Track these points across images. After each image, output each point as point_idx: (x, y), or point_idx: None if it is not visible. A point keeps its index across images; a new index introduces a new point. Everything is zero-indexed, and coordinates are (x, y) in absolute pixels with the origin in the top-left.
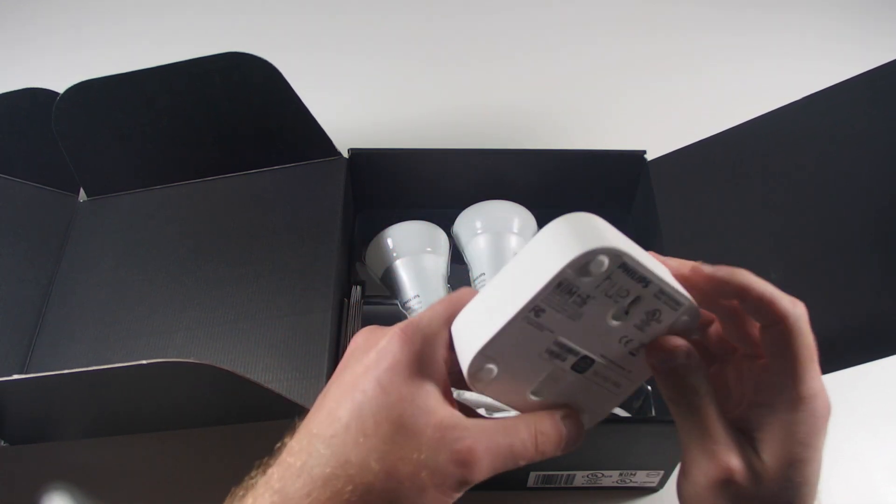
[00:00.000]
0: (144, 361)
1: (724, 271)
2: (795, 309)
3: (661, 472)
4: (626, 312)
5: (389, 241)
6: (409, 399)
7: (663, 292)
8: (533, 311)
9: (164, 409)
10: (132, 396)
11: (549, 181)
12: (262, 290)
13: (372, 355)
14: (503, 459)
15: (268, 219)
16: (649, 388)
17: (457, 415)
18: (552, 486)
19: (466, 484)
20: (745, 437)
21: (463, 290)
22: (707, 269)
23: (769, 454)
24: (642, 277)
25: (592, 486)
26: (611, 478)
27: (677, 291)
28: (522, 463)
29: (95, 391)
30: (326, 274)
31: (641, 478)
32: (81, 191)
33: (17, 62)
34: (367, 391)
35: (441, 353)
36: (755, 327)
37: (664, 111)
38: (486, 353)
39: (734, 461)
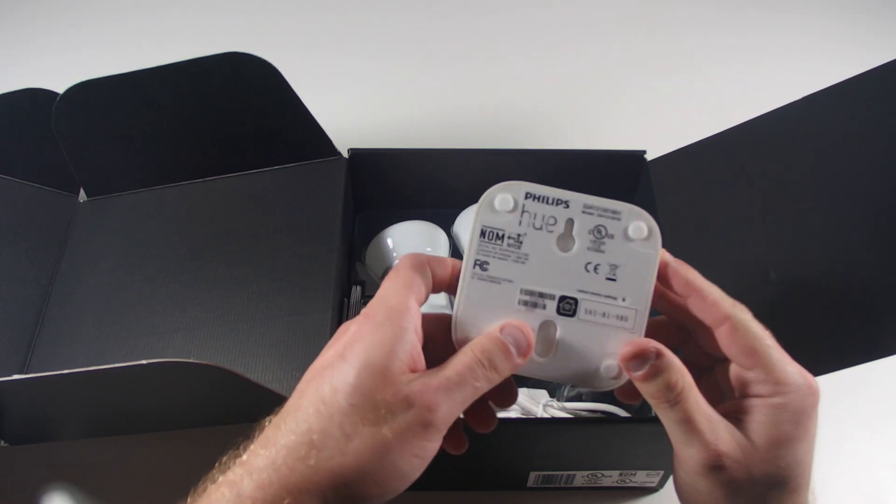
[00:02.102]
0: (144, 361)
1: (676, 262)
2: (735, 309)
3: (661, 472)
4: (572, 239)
5: (389, 241)
6: (371, 368)
7: (590, 206)
8: (478, 267)
9: (164, 409)
10: (132, 396)
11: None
12: (262, 290)
13: (343, 338)
14: (458, 390)
15: (268, 219)
16: None
17: (414, 375)
18: (552, 486)
19: (431, 427)
20: (736, 425)
21: (408, 260)
22: (667, 256)
23: (757, 435)
24: (557, 199)
25: (592, 486)
26: (611, 478)
27: (606, 201)
28: (484, 386)
29: (95, 391)
30: (326, 274)
31: (641, 478)
32: (81, 191)
33: (17, 62)
34: (333, 366)
35: (412, 325)
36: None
37: (664, 111)
38: (464, 323)
39: (722, 446)
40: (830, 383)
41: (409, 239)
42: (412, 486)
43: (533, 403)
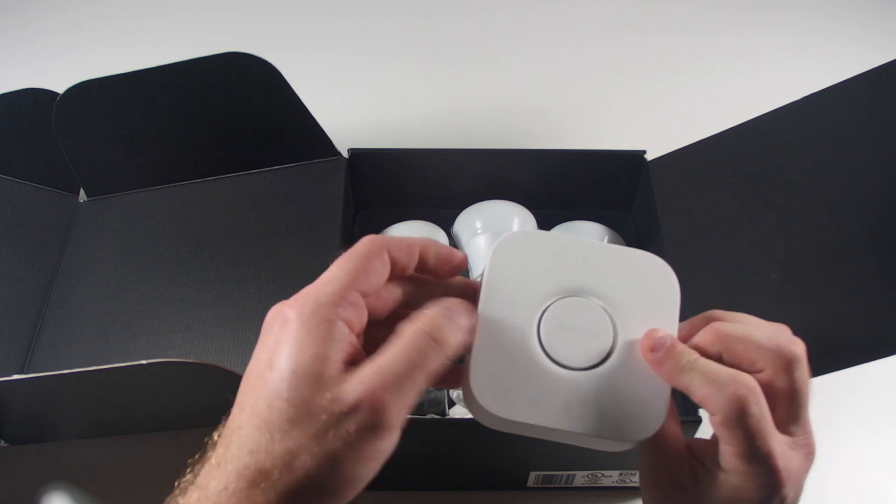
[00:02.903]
0: (144, 361)
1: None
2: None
3: None
4: None
5: None
6: (301, 375)
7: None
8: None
9: (163, 408)
10: (132, 396)
11: (549, 181)
12: (262, 290)
13: (269, 340)
14: (408, 381)
15: (268, 219)
16: None
17: (353, 372)
18: (552, 486)
19: (381, 428)
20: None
21: (363, 245)
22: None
23: (724, 454)
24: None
25: (593, 486)
26: (611, 478)
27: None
28: (436, 366)
29: (95, 391)
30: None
31: None
32: (82, 191)
33: (17, 62)
34: (263, 377)
35: (345, 318)
36: None
37: (664, 111)
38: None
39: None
40: (831, 383)
41: None
42: (412, 486)
43: None
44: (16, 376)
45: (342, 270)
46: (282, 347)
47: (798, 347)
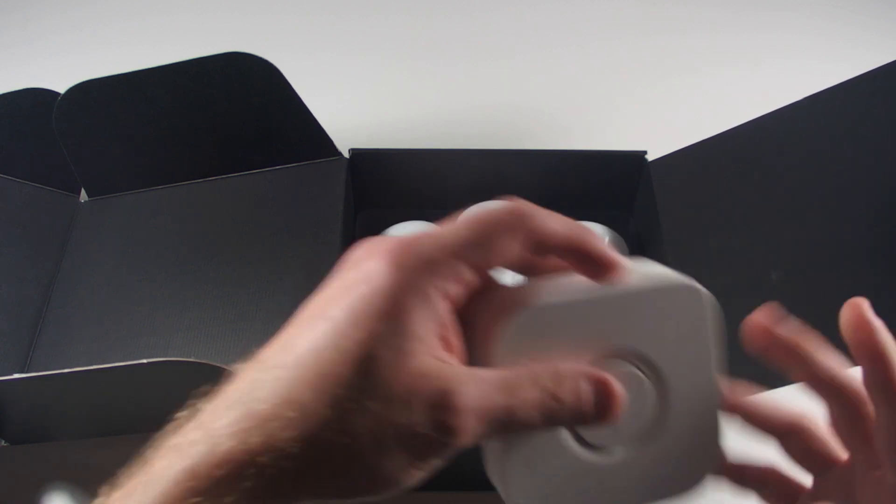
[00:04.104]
0: (144, 361)
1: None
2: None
3: None
4: None
5: None
6: (383, 337)
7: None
8: None
9: (163, 409)
10: (132, 396)
11: (549, 181)
12: (262, 290)
13: (351, 276)
14: (496, 422)
15: (268, 219)
16: None
17: (444, 364)
18: None
19: (445, 448)
20: None
21: (509, 213)
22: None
23: None
24: None
25: None
26: None
27: None
28: (522, 430)
29: (95, 391)
30: (326, 274)
31: None
32: (83, 191)
33: (18, 62)
34: (334, 319)
35: (442, 287)
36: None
37: (665, 111)
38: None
39: None
40: None
41: None
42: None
43: None
44: (16, 375)
45: (470, 232)
46: (362, 301)
47: None
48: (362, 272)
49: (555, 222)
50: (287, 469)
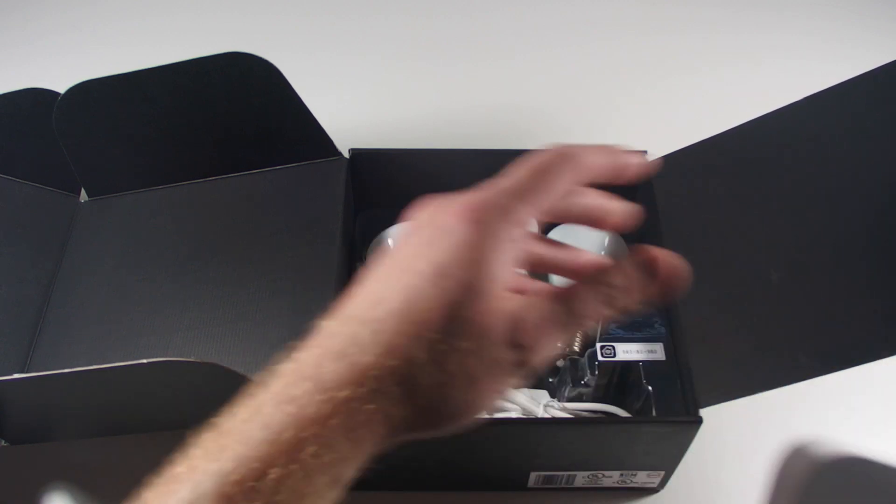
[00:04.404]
0: (144, 361)
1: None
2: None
3: (662, 473)
4: None
5: (391, 242)
6: (466, 284)
7: None
8: None
9: (164, 409)
10: (132, 396)
11: None
12: (262, 290)
13: (428, 233)
14: (561, 326)
15: (268, 219)
16: (650, 388)
17: (517, 297)
18: (553, 486)
19: (522, 366)
20: None
21: (559, 156)
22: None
23: None
24: None
25: (593, 487)
26: (611, 478)
27: None
28: (588, 327)
29: (95, 391)
30: (327, 274)
31: (642, 478)
32: (83, 191)
33: (18, 62)
34: (422, 272)
35: (512, 232)
36: None
37: (665, 111)
38: None
39: None
40: (832, 383)
41: None
42: (412, 486)
43: (533, 404)
44: (16, 375)
45: (531, 179)
46: (444, 253)
47: None
48: (439, 228)
49: (596, 156)
50: (392, 413)
